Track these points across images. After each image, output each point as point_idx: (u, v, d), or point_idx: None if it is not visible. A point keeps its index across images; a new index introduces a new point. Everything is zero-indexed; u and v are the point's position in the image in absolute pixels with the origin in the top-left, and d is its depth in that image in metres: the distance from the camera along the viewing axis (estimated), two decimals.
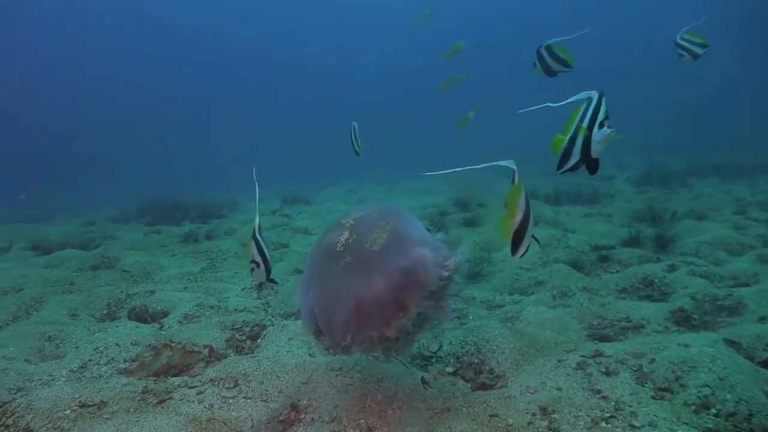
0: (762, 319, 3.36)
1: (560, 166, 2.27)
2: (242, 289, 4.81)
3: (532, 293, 4.36)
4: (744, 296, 3.68)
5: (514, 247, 2.13)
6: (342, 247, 2.08)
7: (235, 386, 2.74)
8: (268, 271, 2.78)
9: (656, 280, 4.24)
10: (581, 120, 2.15)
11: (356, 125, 4.62)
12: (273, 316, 4.07)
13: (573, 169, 2.31)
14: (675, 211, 6.86)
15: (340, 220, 2.26)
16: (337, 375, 2.78)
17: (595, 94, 2.15)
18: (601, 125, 2.22)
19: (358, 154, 4.66)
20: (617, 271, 4.70)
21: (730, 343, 2.91)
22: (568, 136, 2.17)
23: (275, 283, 2.85)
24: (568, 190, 9.79)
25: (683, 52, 4.48)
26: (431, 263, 2.02)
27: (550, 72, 4.30)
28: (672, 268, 4.52)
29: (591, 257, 5.13)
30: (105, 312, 4.39)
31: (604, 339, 3.33)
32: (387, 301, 1.94)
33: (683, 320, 3.46)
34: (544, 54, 4.22)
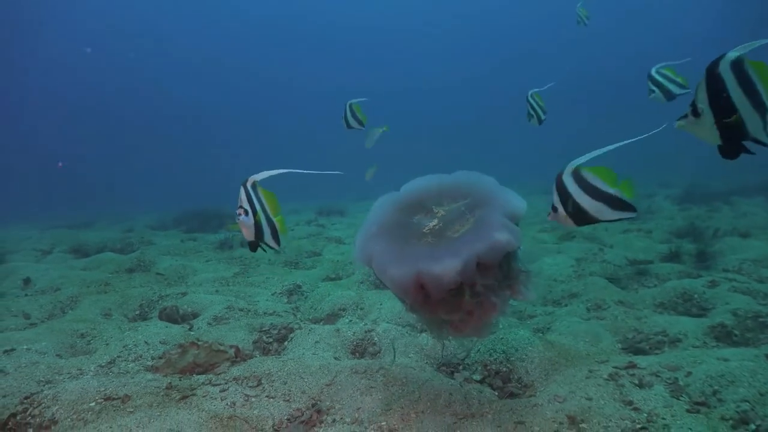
0: None
1: None
2: (272, 294, 4.82)
3: (566, 305, 4.26)
4: None
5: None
6: (429, 231, 2.13)
7: (258, 385, 2.73)
8: (257, 225, 2.39)
9: (696, 295, 4.09)
10: None
11: (352, 102, 4.67)
12: (302, 320, 4.06)
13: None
14: (717, 228, 6.65)
15: (432, 206, 2.28)
16: (361, 378, 2.74)
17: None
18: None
19: (363, 125, 4.74)
20: (655, 286, 4.55)
21: None
22: None
23: (273, 248, 2.57)
24: None
25: (655, 88, 4.24)
26: (504, 248, 1.96)
27: (540, 121, 4.53)
28: (713, 284, 4.36)
29: (628, 271, 4.99)
30: (137, 312, 4.45)
31: (639, 352, 3.22)
32: (450, 280, 1.90)
33: (723, 336, 3.32)
34: (533, 103, 4.40)
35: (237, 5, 51.31)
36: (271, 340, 3.56)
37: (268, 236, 2.45)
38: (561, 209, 2.18)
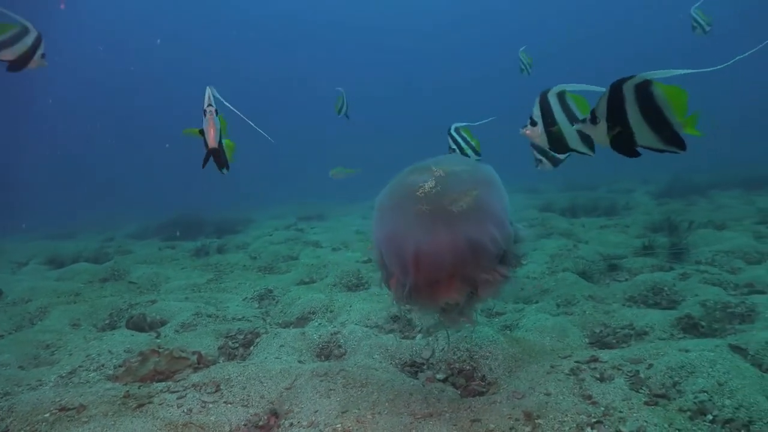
0: None
1: None
2: (243, 299, 4.78)
3: (536, 302, 4.24)
4: (758, 304, 3.52)
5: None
6: (423, 194, 2.01)
7: (216, 391, 2.69)
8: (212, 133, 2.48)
9: (666, 288, 4.09)
10: None
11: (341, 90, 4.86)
12: (270, 325, 4.02)
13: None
14: (692, 220, 6.66)
15: (431, 165, 2.16)
16: (321, 380, 2.71)
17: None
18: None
19: (342, 114, 5.04)
20: (626, 280, 4.55)
21: (736, 349, 2.76)
22: None
23: (222, 169, 2.64)
24: (585, 203, 9.61)
25: (455, 147, 3.88)
26: (497, 245, 1.98)
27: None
28: (684, 276, 4.37)
29: (600, 266, 4.99)
30: (107, 322, 4.39)
31: (605, 346, 3.21)
32: (444, 262, 1.90)
33: (690, 327, 3.31)
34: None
35: (237, 5, 51.05)
36: (236, 345, 3.52)
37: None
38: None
